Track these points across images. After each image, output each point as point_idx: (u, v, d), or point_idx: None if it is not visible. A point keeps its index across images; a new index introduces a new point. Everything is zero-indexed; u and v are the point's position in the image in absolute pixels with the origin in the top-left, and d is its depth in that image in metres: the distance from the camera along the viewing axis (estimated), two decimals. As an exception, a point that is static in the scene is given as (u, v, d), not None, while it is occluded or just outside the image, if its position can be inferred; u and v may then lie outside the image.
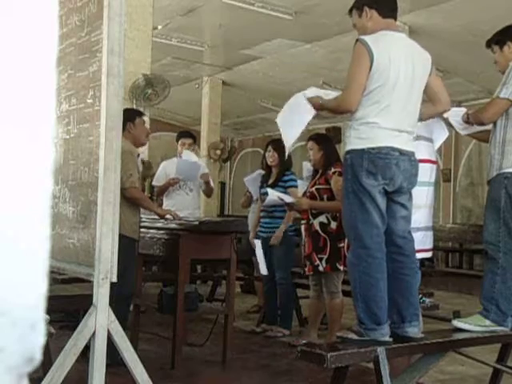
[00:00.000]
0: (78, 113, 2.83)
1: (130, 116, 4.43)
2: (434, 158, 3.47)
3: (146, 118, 4.60)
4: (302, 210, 4.69)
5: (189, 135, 6.23)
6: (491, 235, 3.27)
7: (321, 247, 4.61)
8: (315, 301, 4.85)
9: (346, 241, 4.59)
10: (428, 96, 3.04)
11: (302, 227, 4.80)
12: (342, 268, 4.56)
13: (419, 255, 3.38)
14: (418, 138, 3.11)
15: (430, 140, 3.43)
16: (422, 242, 3.38)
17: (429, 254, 3.57)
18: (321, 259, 4.60)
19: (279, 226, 5.30)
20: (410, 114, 2.91)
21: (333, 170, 4.66)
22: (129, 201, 4.06)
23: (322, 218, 4.65)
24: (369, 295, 2.79)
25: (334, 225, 4.62)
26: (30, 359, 0.54)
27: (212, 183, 6.16)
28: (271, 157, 5.37)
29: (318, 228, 4.65)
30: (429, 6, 7.81)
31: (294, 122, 3.10)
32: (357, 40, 2.86)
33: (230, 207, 17.04)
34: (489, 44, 3.49)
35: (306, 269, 4.76)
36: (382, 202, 2.85)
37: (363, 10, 2.96)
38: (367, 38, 2.83)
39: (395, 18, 3.02)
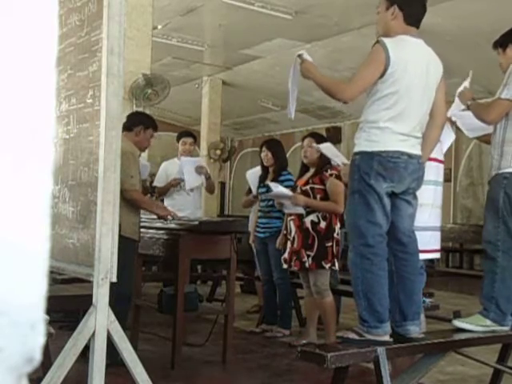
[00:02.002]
0: (77, 113, 2.83)
1: (147, 123, 4.46)
2: (440, 157, 3.46)
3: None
4: (297, 205, 4.71)
5: (189, 134, 6.24)
6: (490, 234, 3.28)
7: (309, 244, 4.68)
8: (310, 298, 4.88)
9: (334, 240, 4.65)
10: None
11: (291, 223, 4.81)
12: (327, 266, 4.63)
13: (426, 256, 3.38)
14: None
15: None
16: (430, 243, 3.37)
17: (436, 255, 3.56)
18: (308, 256, 4.67)
19: (276, 226, 5.31)
20: (420, 120, 2.93)
21: (329, 171, 4.70)
22: (127, 201, 4.06)
23: (313, 217, 4.71)
24: (372, 292, 2.80)
25: (323, 224, 4.69)
26: (29, 359, 0.53)
27: (212, 178, 6.17)
28: (265, 157, 5.40)
29: (308, 225, 4.70)
30: (429, 5, 7.81)
31: (292, 85, 3.06)
32: (377, 41, 2.86)
33: (229, 207, 17.04)
34: (495, 46, 3.51)
35: (293, 263, 4.78)
36: (387, 203, 2.86)
37: (392, 6, 2.92)
38: (388, 43, 2.82)
39: (418, 27, 2.99)
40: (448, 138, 3.66)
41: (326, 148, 4.32)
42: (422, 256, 3.28)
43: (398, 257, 2.95)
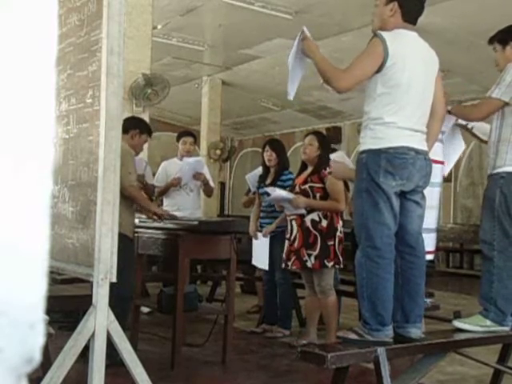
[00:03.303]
0: (77, 112, 2.83)
1: (143, 128, 4.49)
2: (438, 158, 3.44)
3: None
4: (298, 207, 4.70)
5: (190, 134, 6.25)
6: (486, 234, 3.28)
7: (311, 244, 4.66)
8: (311, 298, 4.87)
9: (337, 239, 4.64)
10: None
11: (293, 222, 4.80)
12: (330, 265, 4.62)
13: None
14: None
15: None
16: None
17: (430, 257, 3.55)
18: (310, 255, 4.64)
19: (279, 226, 5.30)
20: (423, 114, 2.91)
21: (328, 170, 4.69)
22: (127, 200, 4.08)
23: (314, 216, 4.69)
24: (376, 295, 2.77)
25: (324, 223, 4.67)
26: (29, 359, 0.53)
27: (212, 183, 6.15)
28: (269, 156, 5.39)
29: (309, 225, 4.69)
30: (429, 5, 7.81)
31: (295, 64, 2.97)
32: (375, 34, 2.84)
33: (229, 207, 17.05)
34: (491, 41, 3.47)
35: (291, 263, 4.77)
36: (396, 203, 2.83)
37: (392, 2, 2.90)
38: (386, 36, 2.80)
39: (414, 25, 2.98)
40: (459, 147, 3.66)
41: (338, 158, 4.29)
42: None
43: (406, 259, 2.91)
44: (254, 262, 5.50)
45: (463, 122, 3.57)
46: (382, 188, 2.77)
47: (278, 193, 4.79)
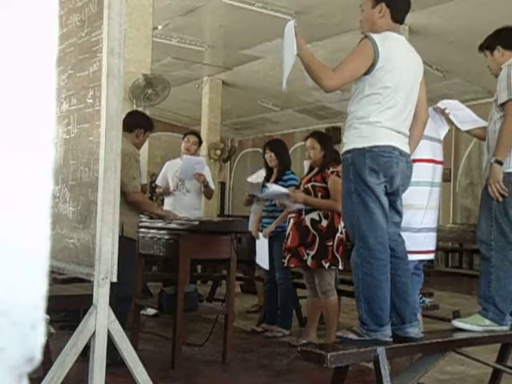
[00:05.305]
0: (78, 113, 2.83)
1: (148, 125, 4.47)
2: (438, 158, 3.44)
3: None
4: (296, 201, 4.70)
5: (195, 134, 6.30)
6: (483, 234, 3.28)
7: (309, 243, 4.65)
8: (312, 298, 4.87)
9: (336, 240, 4.63)
10: None
11: (291, 220, 4.80)
12: (327, 265, 4.61)
13: (420, 256, 3.37)
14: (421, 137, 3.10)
15: (434, 139, 3.41)
16: (424, 244, 3.36)
17: (430, 256, 3.55)
18: (308, 255, 4.64)
19: (280, 226, 5.31)
20: (407, 117, 2.90)
21: (331, 169, 4.70)
22: (130, 203, 4.08)
23: (314, 215, 4.68)
24: (372, 296, 2.77)
25: (324, 223, 4.66)
26: (30, 359, 0.54)
27: (212, 185, 6.14)
28: (269, 158, 5.43)
29: (308, 224, 4.69)
30: (428, 6, 7.82)
31: (286, 55, 2.86)
32: (365, 36, 2.83)
33: (229, 207, 17.05)
34: (481, 49, 3.51)
35: (286, 260, 4.77)
36: (385, 200, 2.83)
37: (379, 3, 2.90)
38: (376, 38, 2.79)
39: (402, 24, 2.99)
40: (442, 130, 3.63)
41: None
42: (416, 257, 3.27)
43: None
44: (257, 261, 5.53)
45: (441, 107, 3.55)
46: (371, 188, 2.77)
47: (274, 187, 4.81)
